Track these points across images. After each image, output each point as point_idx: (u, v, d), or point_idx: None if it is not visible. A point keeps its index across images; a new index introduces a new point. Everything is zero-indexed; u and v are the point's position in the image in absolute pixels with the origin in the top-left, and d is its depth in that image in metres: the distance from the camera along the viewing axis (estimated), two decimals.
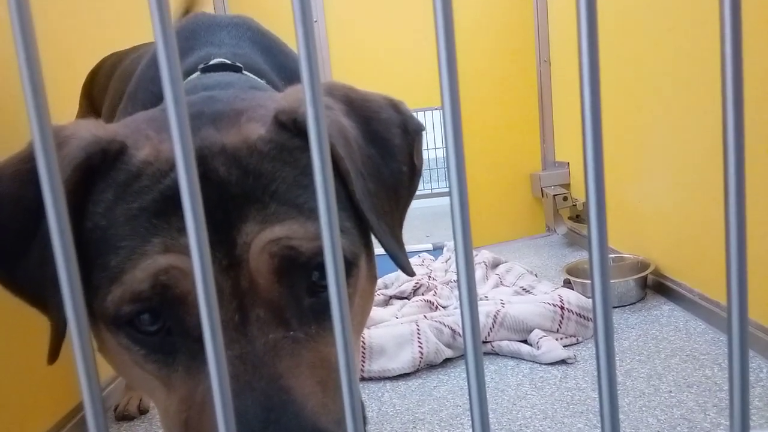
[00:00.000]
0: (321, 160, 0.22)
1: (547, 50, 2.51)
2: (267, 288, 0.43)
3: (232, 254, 0.42)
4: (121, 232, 0.43)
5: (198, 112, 0.49)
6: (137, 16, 1.66)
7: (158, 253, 0.41)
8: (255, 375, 0.40)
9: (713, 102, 1.37)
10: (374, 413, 1.22)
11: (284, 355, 0.42)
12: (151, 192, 0.43)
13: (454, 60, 0.23)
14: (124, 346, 0.45)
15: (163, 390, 0.44)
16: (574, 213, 2.37)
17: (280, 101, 0.50)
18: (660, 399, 1.13)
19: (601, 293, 0.24)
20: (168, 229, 0.42)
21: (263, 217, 0.43)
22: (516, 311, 1.47)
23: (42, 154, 0.21)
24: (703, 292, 1.48)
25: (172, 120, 0.21)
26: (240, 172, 0.44)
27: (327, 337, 0.45)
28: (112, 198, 0.44)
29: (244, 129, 0.47)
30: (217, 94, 0.55)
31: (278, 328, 0.43)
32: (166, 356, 0.44)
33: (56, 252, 0.22)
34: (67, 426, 1.18)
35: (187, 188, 0.22)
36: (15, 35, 0.20)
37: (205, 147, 0.45)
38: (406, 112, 0.59)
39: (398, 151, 0.56)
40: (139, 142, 0.46)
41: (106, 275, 0.43)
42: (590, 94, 0.23)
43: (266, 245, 0.42)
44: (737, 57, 0.23)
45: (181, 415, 0.43)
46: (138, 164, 0.45)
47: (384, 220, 0.52)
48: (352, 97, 0.57)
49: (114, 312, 0.42)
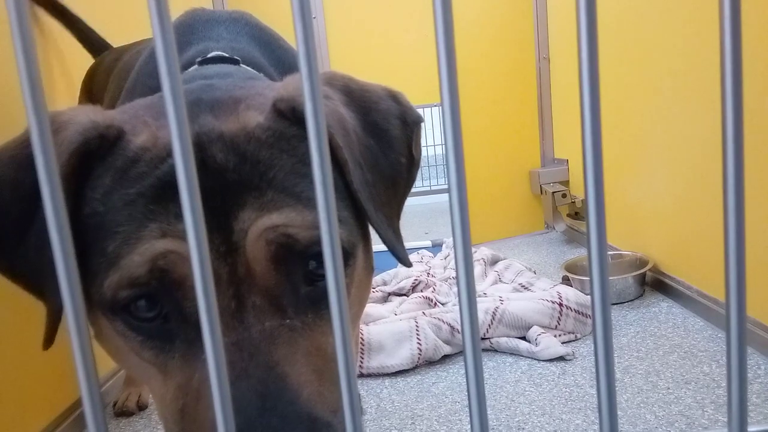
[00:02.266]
0: (319, 150, 0.22)
1: (546, 47, 2.51)
2: (264, 275, 0.43)
3: (230, 241, 0.42)
4: (118, 218, 0.43)
5: (196, 99, 0.49)
6: (136, 12, 1.65)
7: (156, 238, 0.41)
8: (251, 362, 0.40)
9: (712, 99, 1.37)
10: (373, 409, 1.23)
11: (281, 343, 0.42)
12: (149, 178, 0.43)
13: (454, 57, 0.23)
14: (120, 332, 0.44)
15: (159, 377, 0.44)
16: (573, 210, 2.37)
17: (279, 90, 0.50)
18: (658, 395, 1.14)
19: (599, 290, 0.24)
20: (165, 214, 0.42)
21: (261, 205, 0.43)
22: (515, 308, 1.47)
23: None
24: (702, 289, 1.48)
25: (171, 116, 0.21)
26: (238, 159, 0.44)
27: (323, 326, 0.45)
28: (110, 183, 0.44)
29: (242, 116, 0.47)
30: (216, 82, 0.54)
31: (275, 315, 0.43)
32: (163, 343, 0.43)
33: (54, 250, 0.22)
34: (66, 421, 1.18)
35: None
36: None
37: (203, 134, 0.45)
38: (405, 103, 0.59)
39: (397, 142, 0.55)
40: (137, 128, 0.46)
41: (104, 261, 0.42)
42: (589, 91, 0.23)
43: (263, 232, 0.42)
44: (737, 56, 0.23)
45: (178, 402, 0.42)
46: (136, 150, 0.45)
47: (382, 210, 0.52)
48: (351, 88, 0.56)
49: (111, 297, 0.42)
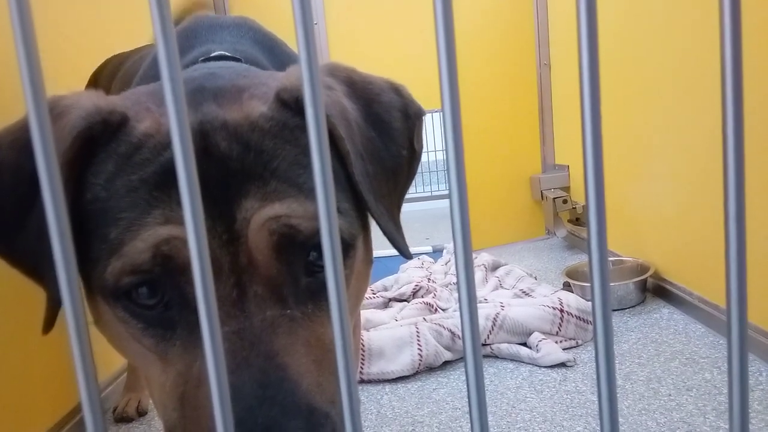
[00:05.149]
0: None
1: (547, 53, 2.52)
2: (265, 265, 0.43)
3: (232, 229, 0.42)
4: (121, 204, 0.43)
5: (199, 86, 0.49)
6: (139, 17, 1.66)
7: (158, 225, 0.41)
8: (252, 352, 0.40)
9: (713, 105, 1.37)
10: (373, 416, 1.22)
11: (281, 333, 0.42)
12: (152, 164, 0.43)
13: (454, 63, 0.23)
14: (121, 319, 0.44)
15: (159, 364, 0.44)
16: (573, 216, 2.37)
17: (282, 80, 0.50)
18: (659, 402, 1.13)
19: (600, 296, 0.24)
20: (168, 201, 0.42)
21: (263, 194, 0.43)
22: (515, 314, 1.47)
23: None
24: (703, 296, 1.48)
25: (172, 118, 0.21)
26: (241, 148, 0.44)
27: (323, 317, 0.45)
28: (113, 169, 0.44)
29: (245, 106, 0.47)
30: (219, 72, 0.54)
31: (275, 305, 0.43)
32: (164, 330, 0.43)
33: (54, 244, 0.22)
34: (66, 427, 1.18)
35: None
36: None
37: (207, 122, 0.45)
38: (407, 96, 0.59)
39: (398, 134, 0.55)
40: (141, 114, 0.46)
41: (106, 247, 0.42)
42: (590, 97, 0.23)
43: (266, 222, 0.42)
44: (737, 60, 0.23)
45: (178, 389, 0.42)
46: (139, 136, 0.45)
47: (382, 202, 0.52)
48: (354, 79, 0.56)
49: (113, 284, 0.42)
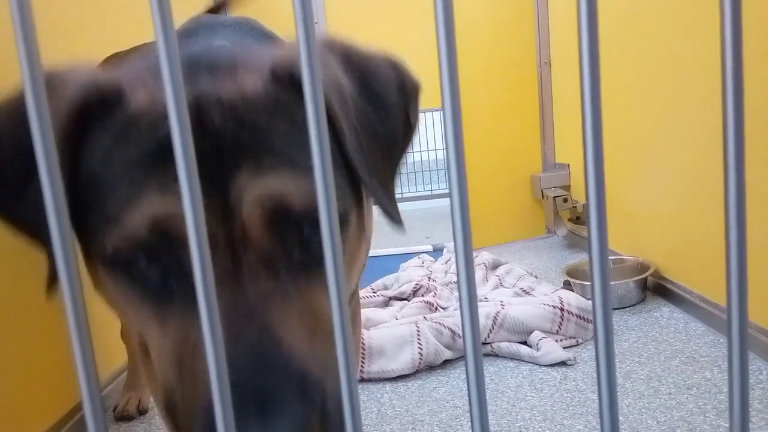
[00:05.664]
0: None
1: (547, 52, 2.52)
2: (259, 239, 0.43)
3: (227, 205, 0.43)
4: (118, 179, 0.43)
5: (195, 60, 0.49)
6: (139, 15, 1.66)
7: (156, 199, 0.42)
8: (247, 323, 0.41)
9: (714, 103, 1.37)
10: (373, 414, 1.22)
11: (275, 305, 0.42)
12: (149, 139, 0.43)
13: (455, 61, 0.23)
14: (120, 286, 0.45)
15: (157, 330, 0.45)
16: (574, 215, 2.37)
17: (277, 55, 0.50)
18: (660, 401, 1.13)
19: (601, 295, 0.24)
20: (165, 175, 0.42)
21: (257, 170, 0.43)
22: (516, 312, 1.47)
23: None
24: (703, 294, 1.48)
25: (173, 119, 0.21)
26: (235, 123, 0.44)
27: (317, 290, 0.45)
28: (110, 144, 0.44)
29: (240, 81, 0.47)
30: (215, 45, 0.55)
31: (269, 278, 0.43)
32: (162, 298, 0.44)
33: (55, 251, 0.22)
34: (66, 426, 1.18)
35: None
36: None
37: (202, 97, 0.45)
38: (404, 70, 0.59)
39: (394, 109, 0.56)
40: (137, 88, 0.46)
41: (104, 219, 0.43)
42: (591, 96, 0.23)
43: (259, 197, 0.43)
44: (738, 59, 0.23)
45: (175, 352, 0.43)
46: (136, 110, 0.45)
47: (377, 177, 0.52)
48: (350, 54, 0.56)
49: (112, 254, 0.43)
